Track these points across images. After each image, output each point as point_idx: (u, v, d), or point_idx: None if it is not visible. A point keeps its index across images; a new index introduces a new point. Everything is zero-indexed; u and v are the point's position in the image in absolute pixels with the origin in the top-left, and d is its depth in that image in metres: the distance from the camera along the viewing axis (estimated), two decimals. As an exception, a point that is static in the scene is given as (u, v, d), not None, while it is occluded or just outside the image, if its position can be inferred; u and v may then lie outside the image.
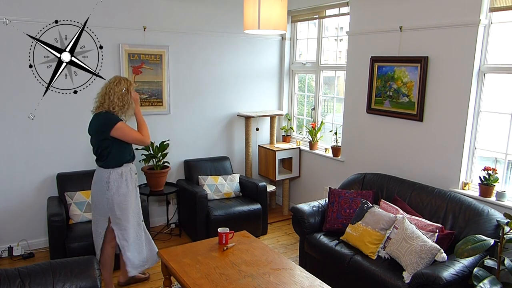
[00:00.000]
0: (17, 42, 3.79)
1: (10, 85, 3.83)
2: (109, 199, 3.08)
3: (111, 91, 3.05)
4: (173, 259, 2.82)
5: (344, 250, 3.24)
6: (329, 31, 5.01)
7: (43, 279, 2.11)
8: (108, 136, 3.01)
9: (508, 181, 3.26)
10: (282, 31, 2.78)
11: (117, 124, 3.00)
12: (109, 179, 3.06)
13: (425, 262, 2.72)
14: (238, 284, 2.52)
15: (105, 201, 3.08)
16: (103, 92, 3.09)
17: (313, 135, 4.92)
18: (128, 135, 3.07)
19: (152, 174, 4.32)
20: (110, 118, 3.02)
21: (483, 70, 3.24)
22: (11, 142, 3.91)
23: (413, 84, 3.64)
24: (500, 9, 3.10)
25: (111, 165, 3.07)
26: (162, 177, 4.36)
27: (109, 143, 3.03)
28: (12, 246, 4.00)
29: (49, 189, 4.10)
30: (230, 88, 5.07)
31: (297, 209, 3.62)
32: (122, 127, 3.03)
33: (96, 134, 3.06)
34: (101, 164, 3.10)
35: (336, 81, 4.89)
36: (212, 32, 4.80)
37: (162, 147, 4.42)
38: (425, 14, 3.52)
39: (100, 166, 3.11)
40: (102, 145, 3.04)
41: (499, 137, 3.24)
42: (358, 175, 3.92)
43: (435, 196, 3.27)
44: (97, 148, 3.08)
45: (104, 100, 3.05)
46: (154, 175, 4.32)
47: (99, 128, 3.03)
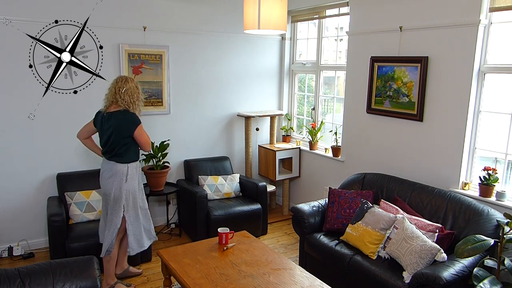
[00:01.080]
0: (17, 42, 3.79)
1: (10, 85, 3.83)
2: (127, 191, 3.30)
3: (120, 89, 3.21)
4: (173, 259, 2.82)
5: (344, 250, 3.24)
6: (329, 31, 5.01)
7: (43, 279, 2.11)
8: (131, 134, 3.25)
9: (508, 181, 3.26)
10: (282, 31, 2.78)
11: (140, 125, 3.27)
12: (127, 172, 3.29)
13: (425, 262, 2.72)
14: (238, 284, 2.52)
15: (123, 192, 3.28)
16: (112, 92, 3.26)
17: (313, 135, 4.92)
18: (143, 137, 3.32)
19: (152, 174, 4.31)
20: (134, 118, 3.26)
21: (483, 70, 3.24)
22: (11, 142, 3.91)
23: (413, 84, 3.64)
24: (500, 9, 3.10)
25: (130, 160, 3.31)
26: (162, 177, 4.36)
27: (129, 140, 3.27)
28: (12, 246, 4.00)
29: (49, 189, 4.10)
30: (230, 88, 5.07)
31: (297, 209, 3.62)
32: (141, 128, 3.30)
33: (118, 132, 3.22)
34: (118, 160, 3.27)
35: (336, 81, 4.89)
36: (212, 32, 4.80)
37: (162, 147, 4.42)
38: (425, 14, 3.52)
39: (116, 161, 3.27)
40: (122, 142, 3.24)
41: (499, 137, 3.24)
42: (358, 175, 3.92)
43: (435, 196, 3.27)
44: (116, 144, 3.24)
45: (116, 100, 3.22)
46: (154, 175, 4.32)
47: (124, 126, 3.22)
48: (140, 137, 3.29)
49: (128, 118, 3.22)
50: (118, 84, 3.23)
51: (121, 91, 3.21)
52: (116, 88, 3.23)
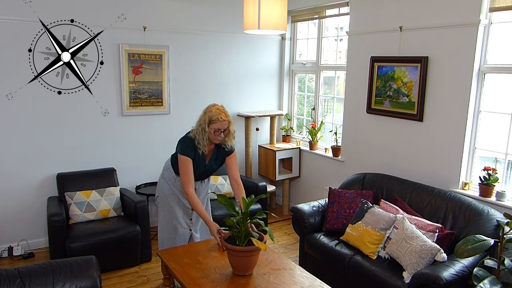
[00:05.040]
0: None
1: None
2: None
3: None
4: (173, 259, 2.82)
5: (344, 250, 3.24)
6: (329, 31, 5.01)
7: (43, 279, 2.10)
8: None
9: (508, 181, 3.26)
10: (282, 31, 2.78)
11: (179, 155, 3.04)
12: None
13: (425, 262, 2.72)
14: (238, 284, 2.52)
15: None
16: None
17: (313, 135, 4.92)
18: (180, 169, 3.03)
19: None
20: (180, 144, 3.09)
21: (483, 70, 3.24)
22: (11, 142, 3.91)
23: (413, 84, 3.64)
24: (500, 9, 3.10)
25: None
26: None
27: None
28: (12, 246, 4.00)
29: (49, 189, 4.10)
30: (230, 88, 5.07)
31: (297, 209, 3.62)
32: (180, 159, 3.03)
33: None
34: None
35: (336, 81, 4.89)
36: (212, 32, 4.80)
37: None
38: (425, 14, 3.52)
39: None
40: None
41: (499, 137, 3.24)
42: (358, 175, 3.92)
43: (435, 196, 3.27)
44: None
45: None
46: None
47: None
48: (179, 167, 3.05)
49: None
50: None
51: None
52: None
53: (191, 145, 3.01)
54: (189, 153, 2.99)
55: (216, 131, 2.95)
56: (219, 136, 2.98)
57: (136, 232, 3.75)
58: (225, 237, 2.67)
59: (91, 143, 4.28)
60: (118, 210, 4.02)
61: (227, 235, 2.68)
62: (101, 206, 3.92)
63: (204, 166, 3.10)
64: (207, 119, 2.94)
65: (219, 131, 2.96)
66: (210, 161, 3.13)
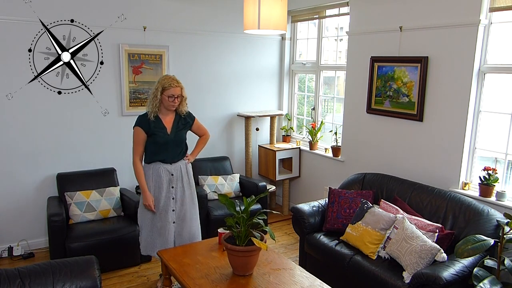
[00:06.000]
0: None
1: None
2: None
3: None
4: (173, 259, 2.82)
5: (344, 250, 3.24)
6: (329, 31, 5.01)
7: (43, 279, 2.11)
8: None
9: (508, 181, 3.26)
10: (282, 31, 2.78)
11: (134, 127, 3.22)
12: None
13: (425, 262, 2.72)
14: (238, 284, 2.52)
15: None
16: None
17: (313, 135, 4.92)
18: (133, 141, 3.23)
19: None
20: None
21: (483, 70, 3.24)
22: (11, 142, 3.91)
23: (413, 84, 3.64)
24: (500, 9, 3.10)
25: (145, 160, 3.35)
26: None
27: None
28: (12, 246, 4.00)
29: (49, 189, 4.10)
30: (230, 88, 5.07)
31: (297, 209, 3.62)
32: (134, 132, 3.22)
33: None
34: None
35: (336, 81, 4.89)
36: (212, 32, 4.80)
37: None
38: (425, 14, 3.52)
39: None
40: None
41: (499, 137, 3.24)
42: (358, 175, 3.92)
43: (435, 196, 3.27)
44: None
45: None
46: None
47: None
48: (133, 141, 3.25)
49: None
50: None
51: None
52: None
53: (144, 119, 3.18)
54: (141, 125, 3.17)
55: (170, 97, 3.14)
56: (173, 102, 3.17)
57: (136, 232, 3.75)
58: (225, 237, 2.67)
59: (91, 143, 4.28)
60: (118, 210, 4.02)
61: (227, 235, 2.68)
62: (101, 206, 3.92)
63: (167, 135, 3.22)
64: (160, 87, 3.13)
65: (173, 97, 3.15)
66: (172, 131, 3.25)
